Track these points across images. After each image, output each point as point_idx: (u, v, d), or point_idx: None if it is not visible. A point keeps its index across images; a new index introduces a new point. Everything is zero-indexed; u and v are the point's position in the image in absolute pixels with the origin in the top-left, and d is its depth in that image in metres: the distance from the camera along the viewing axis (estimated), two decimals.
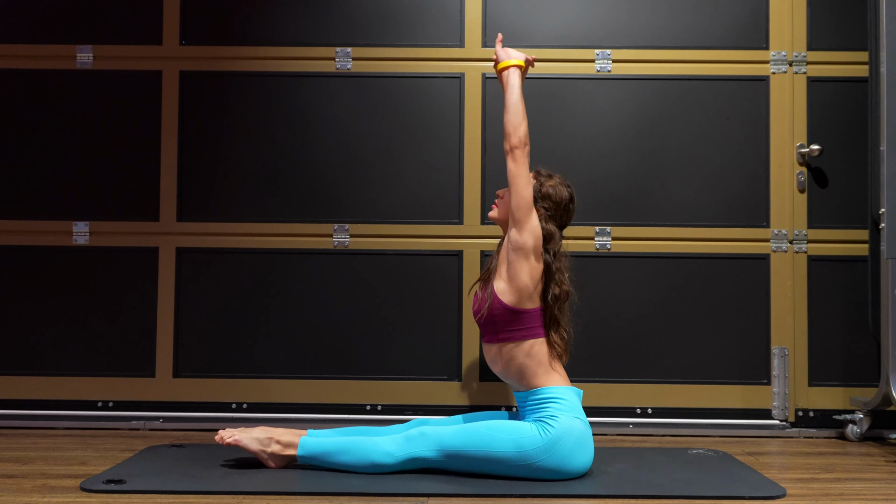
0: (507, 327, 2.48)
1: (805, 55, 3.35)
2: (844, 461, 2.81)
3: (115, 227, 3.36)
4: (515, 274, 2.46)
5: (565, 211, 2.59)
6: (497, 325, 2.49)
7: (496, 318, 2.49)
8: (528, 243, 2.46)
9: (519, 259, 2.46)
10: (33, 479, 2.41)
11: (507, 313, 2.47)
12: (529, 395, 2.46)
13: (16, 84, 3.39)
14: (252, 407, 3.30)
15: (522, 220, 2.47)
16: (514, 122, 2.51)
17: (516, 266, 2.46)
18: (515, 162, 2.49)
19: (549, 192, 2.55)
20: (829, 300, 3.32)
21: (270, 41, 3.40)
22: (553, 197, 2.55)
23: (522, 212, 2.47)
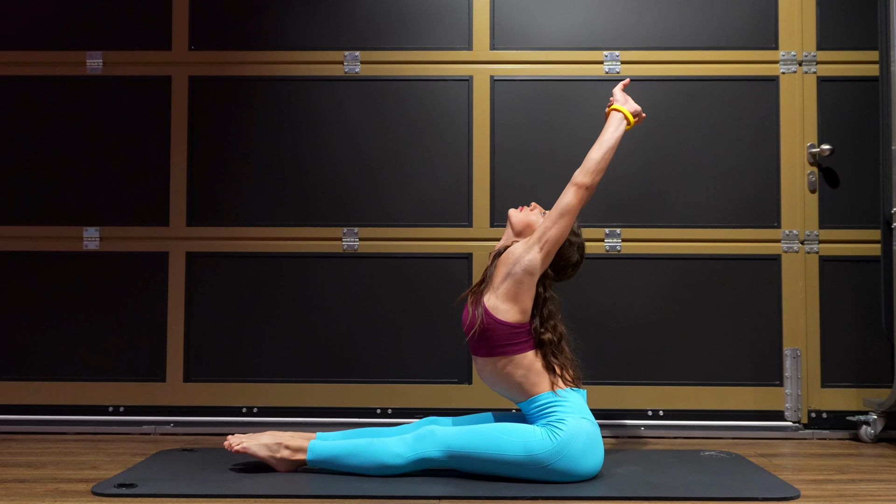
0: (502, 342, 2.45)
1: (815, 55, 3.34)
2: (858, 462, 2.79)
3: (126, 233, 3.37)
4: (518, 295, 2.43)
5: (564, 269, 2.56)
6: (489, 340, 2.46)
7: (489, 334, 2.45)
8: (534, 269, 2.43)
9: (525, 280, 2.43)
10: (45, 483, 2.42)
11: (501, 328, 2.44)
12: (532, 404, 2.44)
13: (27, 90, 3.41)
14: (262, 411, 3.30)
15: (549, 251, 2.44)
16: (600, 164, 2.48)
17: (524, 286, 2.43)
18: (577, 199, 2.45)
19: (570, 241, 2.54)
20: (841, 301, 3.30)
21: (279, 46, 3.41)
22: (564, 252, 2.53)
23: (554, 245, 2.45)
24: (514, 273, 2.44)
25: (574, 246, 2.56)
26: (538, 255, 2.44)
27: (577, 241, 2.57)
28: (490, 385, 2.53)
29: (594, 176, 2.47)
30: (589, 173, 2.47)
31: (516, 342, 2.44)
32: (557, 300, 2.55)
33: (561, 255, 2.53)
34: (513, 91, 3.37)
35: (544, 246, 2.44)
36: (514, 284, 2.44)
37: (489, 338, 2.45)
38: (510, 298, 2.44)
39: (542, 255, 2.44)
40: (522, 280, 2.43)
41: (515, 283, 2.43)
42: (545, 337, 2.46)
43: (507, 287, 2.44)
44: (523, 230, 2.57)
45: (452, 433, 2.40)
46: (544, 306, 2.49)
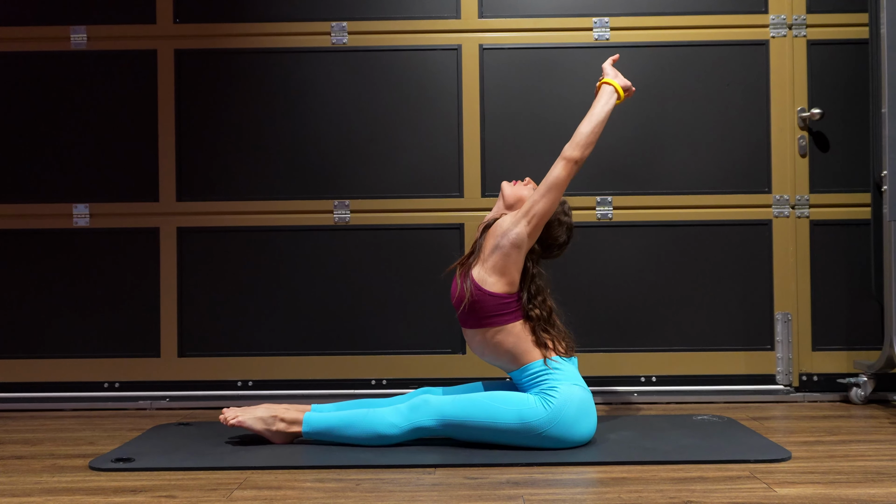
0: (490, 313, 2.45)
1: (804, 18, 3.32)
2: (849, 424, 2.83)
3: (116, 209, 3.35)
4: (506, 267, 2.43)
5: (549, 248, 2.56)
6: (478, 311, 2.46)
7: (479, 306, 2.45)
8: (522, 243, 2.43)
9: (513, 253, 2.43)
10: (42, 459, 2.43)
11: (490, 299, 2.44)
12: (524, 373, 2.45)
13: (10, 66, 3.37)
14: (257, 384, 3.32)
15: (538, 225, 2.44)
16: (590, 137, 2.47)
17: (511, 259, 2.43)
18: (566, 172, 2.45)
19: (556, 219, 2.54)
20: (831, 264, 3.31)
21: (265, 17, 3.37)
22: (553, 230, 2.54)
23: (543, 219, 2.45)
24: (502, 246, 2.44)
25: (563, 226, 2.56)
26: (525, 229, 2.44)
27: (566, 221, 2.57)
28: (480, 355, 2.54)
29: (584, 150, 2.47)
30: (578, 147, 2.46)
31: (505, 312, 2.45)
32: (545, 276, 2.56)
33: (549, 234, 2.53)
34: (502, 59, 3.35)
35: (532, 220, 2.44)
36: (501, 257, 2.44)
37: (478, 309, 2.46)
38: (497, 271, 2.45)
39: (529, 229, 2.44)
40: (510, 253, 2.43)
41: (503, 256, 2.44)
42: (534, 313, 2.47)
43: (494, 260, 2.45)
44: (514, 204, 2.56)
45: (446, 402, 2.42)
46: (532, 282, 2.50)
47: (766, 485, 2.05)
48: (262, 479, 2.17)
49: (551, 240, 2.55)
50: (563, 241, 2.58)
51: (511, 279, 2.45)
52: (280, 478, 2.18)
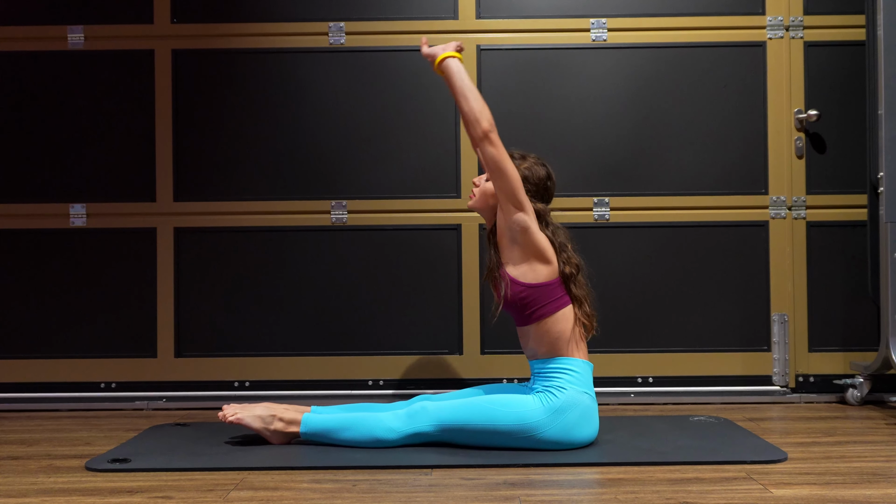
0: (536, 305, 2.43)
1: (801, 20, 3.33)
2: (845, 425, 2.83)
3: (113, 209, 3.35)
4: (532, 249, 2.41)
5: (545, 189, 2.54)
6: (526, 306, 2.44)
7: (528, 301, 2.43)
8: (528, 223, 2.41)
9: (528, 237, 2.41)
10: (39, 460, 2.43)
11: (532, 291, 2.43)
12: (548, 363, 2.43)
13: (7, 66, 3.37)
14: (254, 385, 3.31)
15: (522, 199, 2.41)
16: (476, 107, 2.40)
17: (531, 240, 2.41)
18: (494, 145, 2.39)
19: (526, 174, 2.50)
20: (828, 266, 3.32)
21: (262, 17, 3.37)
22: (531, 178, 2.51)
23: (520, 192, 2.41)
24: (516, 239, 2.43)
25: (533, 166, 2.52)
26: (518, 211, 2.41)
27: (530, 158, 2.54)
28: (526, 348, 2.50)
29: (483, 120, 2.38)
30: (478, 122, 2.39)
31: (549, 300, 2.43)
32: (563, 229, 2.54)
33: (529, 181, 2.49)
34: (499, 60, 3.35)
35: (512, 199, 2.40)
36: (522, 246, 2.42)
37: (530, 303, 2.43)
38: (528, 257, 2.43)
39: (519, 207, 2.41)
40: (527, 239, 2.42)
41: (523, 245, 2.42)
42: (566, 271, 2.45)
43: (518, 252, 2.44)
44: (491, 205, 2.54)
45: (445, 408, 2.42)
46: (556, 236, 2.48)
47: (762, 486, 2.06)
48: (258, 479, 2.17)
49: (535, 184, 2.50)
50: (545, 174, 2.54)
51: (544, 256, 2.42)
52: (277, 478, 2.18)
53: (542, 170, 2.54)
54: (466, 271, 3.31)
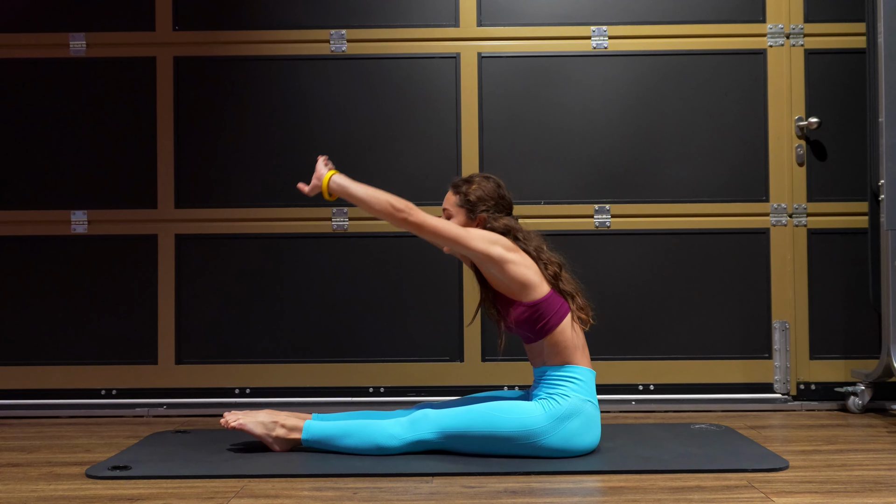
0: (544, 318, 2.42)
1: (802, 27, 3.33)
2: (846, 433, 2.83)
3: (114, 216, 3.35)
4: (517, 273, 2.41)
5: (501, 198, 2.53)
6: (536, 321, 2.43)
7: (530, 318, 2.43)
8: (497, 252, 2.40)
9: (507, 269, 2.40)
10: (39, 467, 2.42)
11: (536, 308, 2.42)
12: (555, 371, 2.42)
13: (9, 73, 3.38)
14: (255, 392, 3.31)
15: (483, 246, 2.39)
16: (383, 203, 2.38)
17: (511, 266, 2.40)
18: (422, 222, 2.36)
19: (479, 195, 2.51)
20: (829, 273, 3.32)
21: (264, 25, 3.38)
22: (485, 196, 2.51)
23: (476, 241, 2.40)
24: (498, 275, 2.41)
25: (480, 184, 2.51)
26: (486, 256, 2.39)
27: (474, 178, 2.54)
28: (536, 361, 2.49)
29: (395, 209, 2.38)
30: (394, 213, 2.38)
31: (551, 314, 2.42)
32: (534, 233, 2.53)
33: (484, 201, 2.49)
34: (501, 67, 3.36)
35: (474, 251, 2.39)
36: (508, 276, 2.41)
37: (536, 319, 2.42)
38: (517, 281, 2.41)
39: (485, 251, 2.39)
40: (508, 270, 2.40)
41: (507, 275, 2.41)
42: (549, 272, 2.45)
43: (507, 281, 2.42)
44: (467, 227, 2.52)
45: (446, 415, 2.41)
46: (529, 245, 2.47)
47: (763, 494, 2.05)
48: (259, 487, 2.16)
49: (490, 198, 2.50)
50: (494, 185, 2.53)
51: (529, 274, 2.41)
52: (277, 486, 2.17)
53: (489, 183, 2.54)
54: (467, 279, 3.31)
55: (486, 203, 2.51)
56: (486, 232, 2.44)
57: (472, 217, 2.52)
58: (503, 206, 2.54)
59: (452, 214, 2.55)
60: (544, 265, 2.46)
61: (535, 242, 2.50)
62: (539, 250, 2.48)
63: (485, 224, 2.50)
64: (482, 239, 2.41)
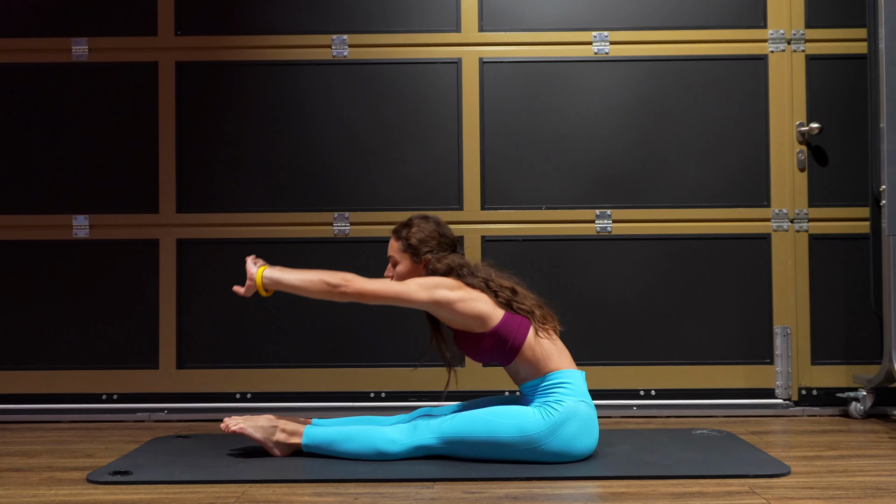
0: (508, 340, 2.43)
1: (803, 33, 3.34)
2: (848, 438, 2.82)
3: (115, 220, 3.36)
4: (463, 313, 2.41)
5: (443, 236, 2.55)
6: (502, 346, 2.44)
7: (495, 345, 2.44)
8: (441, 296, 2.41)
9: (456, 308, 2.41)
10: (40, 472, 2.42)
11: (494, 338, 2.43)
12: (540, 382, 2.43)
13: (11, 78, 3.38)
14: (256, 396, 3.31)
15: (427, 296, 2.40)
16: (317, 284, 2.40)
17: (457, 311, 2.41)
18: (362, 288, 2.39)
19: (420, 238, 2.52)
20: (830, 278, 3.32)
21: (266, 30, 3.38)
22: (425, 238, 2.53)
23: (419, 292, 2.41)
24: (450, 312, 2.42)
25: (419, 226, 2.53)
26: (433, 303, 2.41)
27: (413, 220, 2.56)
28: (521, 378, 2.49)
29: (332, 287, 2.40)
30: (332, 290, 2.41)
31: (513, 335, 2.43)
32: (481, 264, 2.54)
33: (426, 242, 2.51)
34: (502, 73, 3.36)
35: (424, 302, 2.41)
36: (461, 314, 2.42)
37: (501, 343, 2.43)
38: (472, 314, 2.42)
39: (431, 299, 2.40)
40: (458, 308, 2.41)
41: (460, 313, 2.42)
42: (501, 298, 2.45)
43: (461, 318, 2.43)
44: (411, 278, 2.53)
45: (447, 420, 2.42)
46: (475, 278, 2.47)
47: (765, 500, 2.05)
48: (259, 492, 2.16)
49: (432, 239, 2.52)
50: (433, 225, 2.55)
51: (481, 306, 2.42)
52: (278, 491, 2.17)
53: (428, 224, 2.56)
54: None
55: (427, 244, 2.53)
56: (425, 279, 2.46)
57: (417, 260, 2.53)
58: (446, 244, 2.56)
59: (398, 260, 2.57)
60: (495, 293, 2.47)
61: (483, 273, 2.51)
62: (488, 280, 2.49)
63: (428, 265, 2.51)
64: (423, 288, 2.42)
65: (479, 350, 2.47)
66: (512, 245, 3.33)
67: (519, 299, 2.49)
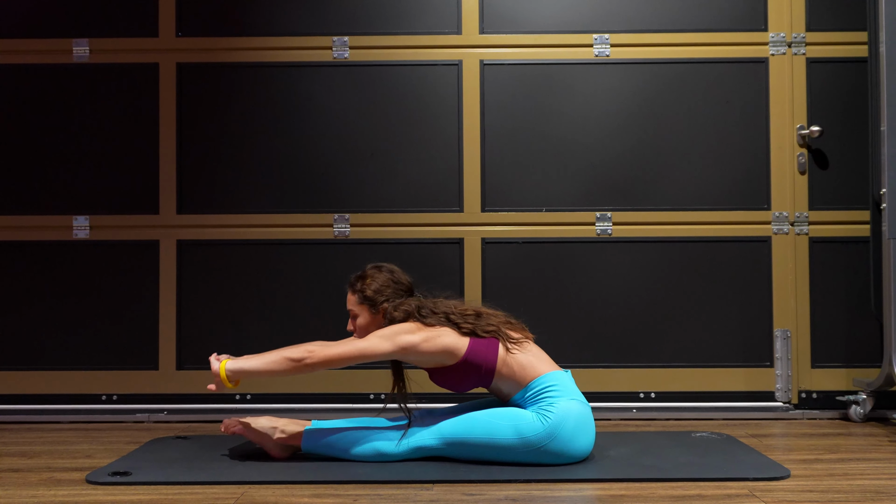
0: (482, 363, 2.43)
1: (804, 36, 3.34)
2: (848, 442, 2.82)
3: (116, 221, 3.36)
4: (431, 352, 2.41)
5: (398, 283, 2.56)
6: (478, 370, 2.44)
7: (469, 370, 2.44)
8: (404, 342, 2.41)
9: (422, 349, 2.41)
10: (39, 472, 2.42)
11: (466, 365, 2.43)
12: (525, 392, 2.44)
13: (13, 79, 3.39)
14: (256, 398, 3.31)
15: (385, 348, 2.40)
16: (282, 365, 2.38)
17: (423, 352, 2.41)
18: (327, 356, 2.37)
19: (375, 288, 2.53)
20: (830, 281, 3.32)
21: (267, 31, 3.39)
22: (380, 288, 2.53)
23: (382, 344, 2.40)
24: (417, 355, 2.42)
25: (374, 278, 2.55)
26: (395, 342, 2.40)
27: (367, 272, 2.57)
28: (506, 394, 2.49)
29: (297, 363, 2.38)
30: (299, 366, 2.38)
31: (485, 356, 2.44)
32: (438, 299, 2.55)
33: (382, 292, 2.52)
34: (503, 75, 3.37)
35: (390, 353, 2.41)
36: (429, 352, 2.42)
37: (476, 367, 2.43)
38: (437, 352, 2.42)
39: (395, 347, 2.40)
40: (424, 349, 2.41)
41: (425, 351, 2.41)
42: (464, 329, 2.45)
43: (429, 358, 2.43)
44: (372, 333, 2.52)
45: (446, 422, 2.42)
46: (436, 316, 2.48)
47: (764, 503, 2.05)
48: (259, 493, 2.16)
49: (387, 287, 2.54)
50: (388, 274, 2.57)
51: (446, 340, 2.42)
52: (277, 492, 2.17)
53: (381, 273, 2.57)
54: (468, 285, 3.31)
55: (383, 294, 2.54)
56: (384, 330, 2.46)
57: (375, 311, 2.54)
58: (401, 290, 2.57)
59: (357, 313, 2.57)
60: (457, 325, 2.47)
61: (443, 308, 2.51)
62: (448, 314, 2.49)
63: (387, 314, 2.51)
64: (384, 339, 2.42)
65: (457, 381, 2.47)
66: (512, 247, 3.33)
67: (483, 323, 2.49)
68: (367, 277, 2.58)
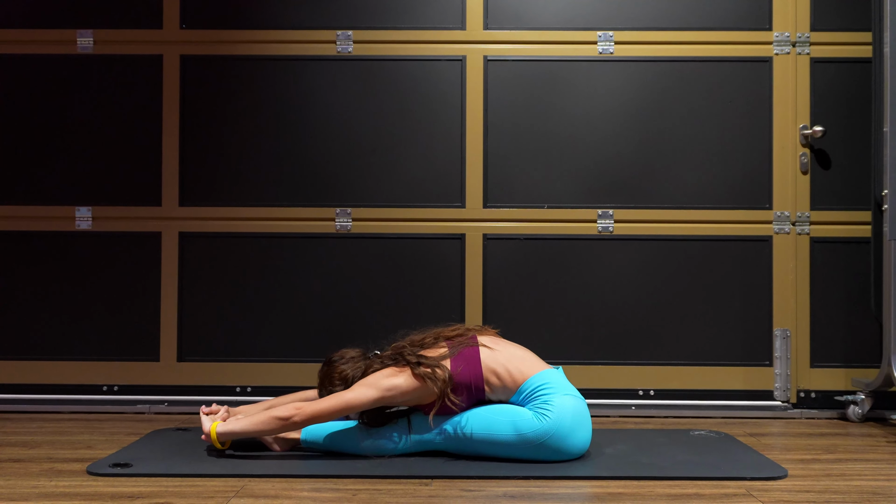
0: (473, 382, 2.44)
1: (808, 36, 3.33)
2: (846, 442, 2.83)
3: (118, 213, 3.36)
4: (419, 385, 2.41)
5: (351, 358, 2.56)
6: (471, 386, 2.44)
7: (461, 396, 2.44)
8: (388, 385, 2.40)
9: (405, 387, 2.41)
10: (40, 463, 2.43)
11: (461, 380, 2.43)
12: (518, 395, 2.46)
13: (16, 69, 3.39)
14: (256, 390, 3.32)
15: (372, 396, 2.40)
16: (271, 425, 2.38)
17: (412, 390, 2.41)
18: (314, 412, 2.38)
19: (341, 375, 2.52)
20: (831, 282, 3.32)
21: (271, 25, 3.38)
22: (345, 371, 2.53)
23: (364, 398, 2.40)
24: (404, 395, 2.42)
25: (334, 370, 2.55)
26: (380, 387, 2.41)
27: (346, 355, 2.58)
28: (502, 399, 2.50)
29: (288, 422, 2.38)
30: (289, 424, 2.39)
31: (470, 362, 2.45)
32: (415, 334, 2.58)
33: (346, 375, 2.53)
34: (506, 71, 3.36)
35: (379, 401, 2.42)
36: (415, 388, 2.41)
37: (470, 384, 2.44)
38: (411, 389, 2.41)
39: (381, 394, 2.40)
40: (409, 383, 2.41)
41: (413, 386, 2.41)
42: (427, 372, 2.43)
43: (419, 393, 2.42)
44: None
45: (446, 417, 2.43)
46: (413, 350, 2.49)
47: (762, 503, 2.06)
48: (258, 487, 2.17)
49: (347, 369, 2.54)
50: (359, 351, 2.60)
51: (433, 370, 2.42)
52: (277, 486, 2.18)
53: (332, 364, 2.55)
54: (469, 280, 3.31)
55: (349, 372, 2.52)
56: (365, 378, 2.46)
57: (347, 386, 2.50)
58: (358, 359, 2.57)
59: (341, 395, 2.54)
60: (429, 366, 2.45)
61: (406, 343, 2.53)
62: (424, 345, 2.52)
63: (355, 380, 2.50)
64: (368, 387, 2.42)
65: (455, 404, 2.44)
66: (513, 243, 3.34)
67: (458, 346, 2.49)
68: (346, 359, 2.56)
